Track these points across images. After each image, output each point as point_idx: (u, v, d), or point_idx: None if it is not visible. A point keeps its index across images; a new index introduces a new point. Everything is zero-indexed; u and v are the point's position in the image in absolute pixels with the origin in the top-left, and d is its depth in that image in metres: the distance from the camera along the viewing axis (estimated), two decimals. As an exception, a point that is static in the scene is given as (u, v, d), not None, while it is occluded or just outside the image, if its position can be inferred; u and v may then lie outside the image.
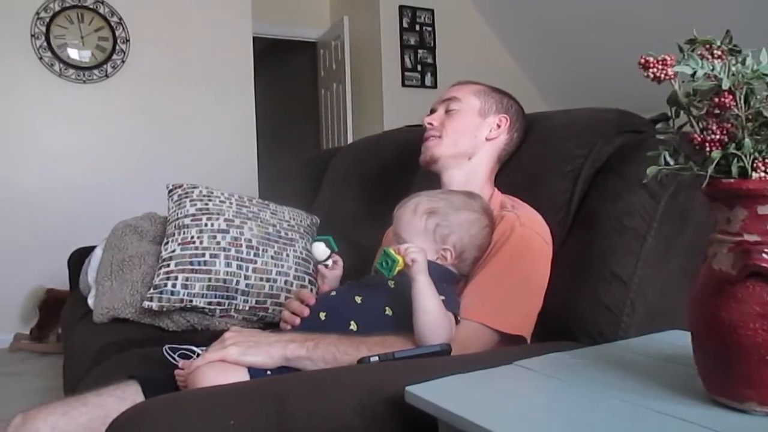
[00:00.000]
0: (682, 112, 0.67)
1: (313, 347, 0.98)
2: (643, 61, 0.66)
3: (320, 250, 1.20)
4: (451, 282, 1.12)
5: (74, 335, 1.91)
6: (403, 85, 5.10)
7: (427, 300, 0.99)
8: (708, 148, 0.63)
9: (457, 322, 1.04)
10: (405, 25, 5.10)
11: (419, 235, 1.13)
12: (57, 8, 3.85)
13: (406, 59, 5.12)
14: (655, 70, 0.66)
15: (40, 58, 3.82)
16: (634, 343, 0.92)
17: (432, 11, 5.20)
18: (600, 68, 4.75)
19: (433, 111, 1.41)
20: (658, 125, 0.70)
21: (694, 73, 0.64)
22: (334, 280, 1.23)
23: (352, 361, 0.96)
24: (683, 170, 0.67)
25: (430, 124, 1.37)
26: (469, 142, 1.33)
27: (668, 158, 0.68)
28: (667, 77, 0.66)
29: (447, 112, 1.36)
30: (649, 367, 0.78)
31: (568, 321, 1.15)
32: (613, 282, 1.11)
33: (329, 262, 1.21)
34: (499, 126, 1.34)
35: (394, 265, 1.00)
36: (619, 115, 1.32)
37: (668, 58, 0.65)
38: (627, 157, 1.21)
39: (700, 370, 0.66)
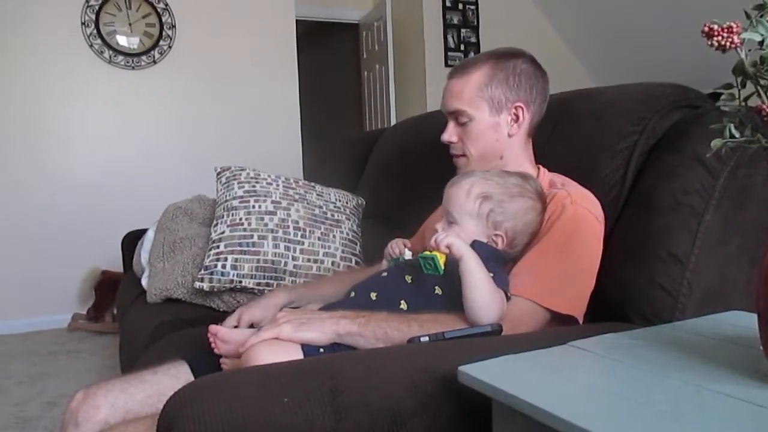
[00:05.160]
0: (748, 82, 0.64)
1: (364, 323, 0.99)
2: (707, 29, 0.63)
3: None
4: (499, 262, 1.10)
5: (129, 315, 1.97)
6: (447, 65, 5.03)
7: (476, 276, 0.98)
8: (778, 120, 0.60)
9: (507, 299, 1.03)
10: (448, 4, 5.03)
11: (471, 218, 1.11)
12: (106, -4, 3.93)
13: (449, 39, 5.06)
14: (719, 38, 0.62)
15: (91, 46, 3.91)
16: (693, 323, 0.89)
17: (475, -11, 5.11)
18: (650, 44, 4.60)
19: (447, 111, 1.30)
20: (723, 96, 0.67)
21: (763, 40, 0.60)
22: None
23: (403, 338, 0.96)
24: (750, 143, 0.63)
25: (450, 142, 1.29)
26: (493, 146, 1.25)
27: (734, 131, 0.65)
28: (733, 45, 0.62)
29: (459, 124, 1.27)
30: (711, 348, 0.75)
31: (622, 301, 1.13)
32: (669, 261, 1.08)
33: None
34: (517, 118, 1.24)
35: (435, 261, 0.99)
36: (675, 89, 1.27)
37: (734, 25, 0.62)
38: (683, 133, 1.17)
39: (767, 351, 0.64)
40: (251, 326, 1.28)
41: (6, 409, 2.46)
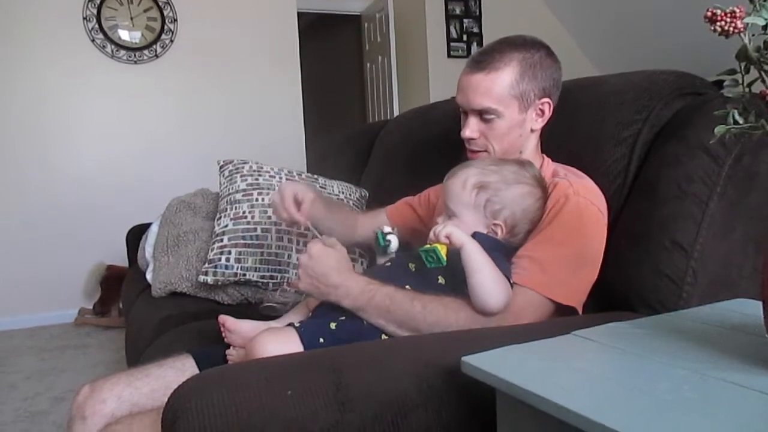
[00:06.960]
0: (752, 67, 0.64)
1: (369, 299, 1.02)
2: (709, 14, 0.62)
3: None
4: (501, 252, 1.10)
5: (135, 309, 1.97)
6: (449, 55, 5.02)
7: (477, 260, 0.99)
8: (782, 105, 0.59)
9: (511, 286, 1.03)
10: (450, -6, 5.00)
11: (469, 210, 1.10)
12: (107, -10, 3.92)
13: (452, 29, 5.03)
14: (723, 23, 0.62)
15: (93, 40, 3.91)
16: (698, 312, 0.89)
17: (477, -22, 5.08)
18: (652, 32, 4.57)
19: (462, 110, 1.26)
20: (726, 82, 0.66)
21: (767, 24, 0.60)
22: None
23: (406, 313, 1.00)
24: (754, 129, 0.63)
25: (471, 139, 1.24)
26: (516, 142, 1.23)
27: (737, 117, 0.64)
28: (737, 30, 0.62)
29: (483, 120, 1.21)
30: (716, 337, 0.75)
31: (626, 291, 1.12)
32: (674, 250, 1.08)
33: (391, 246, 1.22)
34: (542, 113, 1.22)
35: (437, 253, 0.99)
36: (679, 76, 1.26)
37: (737, 10, 0.61)
38: (687, 121, 1.16)
39: (772, 339, 0.63)
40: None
41: (15, 404, 2.48)
